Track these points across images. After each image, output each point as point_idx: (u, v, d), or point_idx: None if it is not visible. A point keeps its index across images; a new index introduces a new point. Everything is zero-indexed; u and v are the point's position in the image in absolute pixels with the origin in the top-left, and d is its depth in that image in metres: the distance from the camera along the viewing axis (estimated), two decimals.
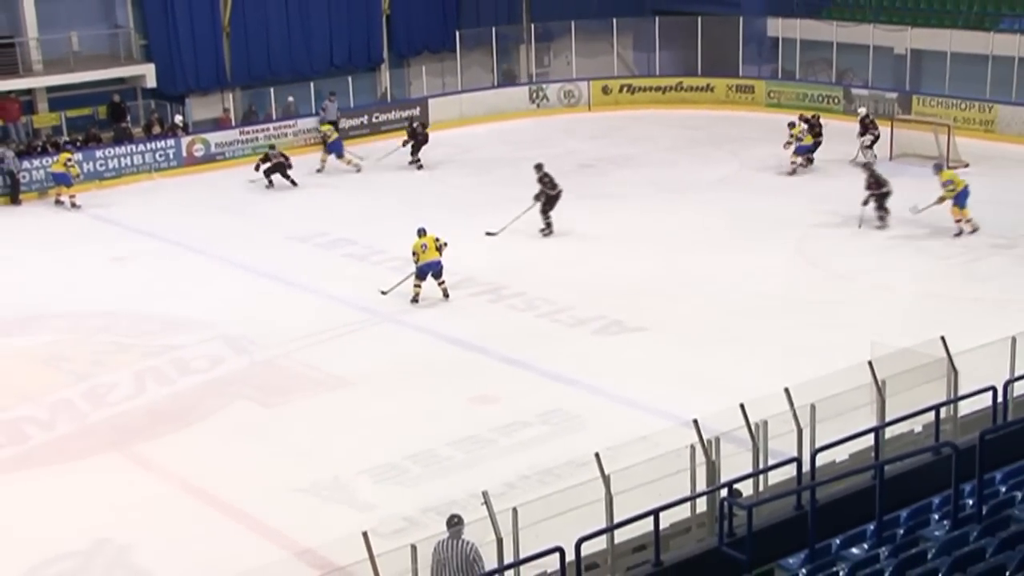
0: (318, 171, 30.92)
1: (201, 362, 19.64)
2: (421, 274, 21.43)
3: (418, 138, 31.74)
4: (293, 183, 29.74)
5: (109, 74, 32.33)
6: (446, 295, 21.63)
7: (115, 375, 19.26)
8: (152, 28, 33.45)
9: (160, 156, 31.62)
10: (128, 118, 32.54)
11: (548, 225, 25.23)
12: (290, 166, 29.94)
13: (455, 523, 11.71)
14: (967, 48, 33.35)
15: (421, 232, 21.52)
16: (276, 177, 29.81)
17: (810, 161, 29.89)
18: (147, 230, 26.97)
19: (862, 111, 30.89)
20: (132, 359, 19.81)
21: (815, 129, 30.15)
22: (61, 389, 18.87)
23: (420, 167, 31.43)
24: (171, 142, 31.88)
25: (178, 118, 32.51)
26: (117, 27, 33.40)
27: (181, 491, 15.73)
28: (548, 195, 25.09)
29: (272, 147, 30.78)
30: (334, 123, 32.86)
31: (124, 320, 21.61)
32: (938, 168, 25.47)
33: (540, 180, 25.16)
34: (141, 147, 31.45)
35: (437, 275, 21.54)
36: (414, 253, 21.40)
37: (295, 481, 15.60)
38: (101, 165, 30.82)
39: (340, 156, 31.16)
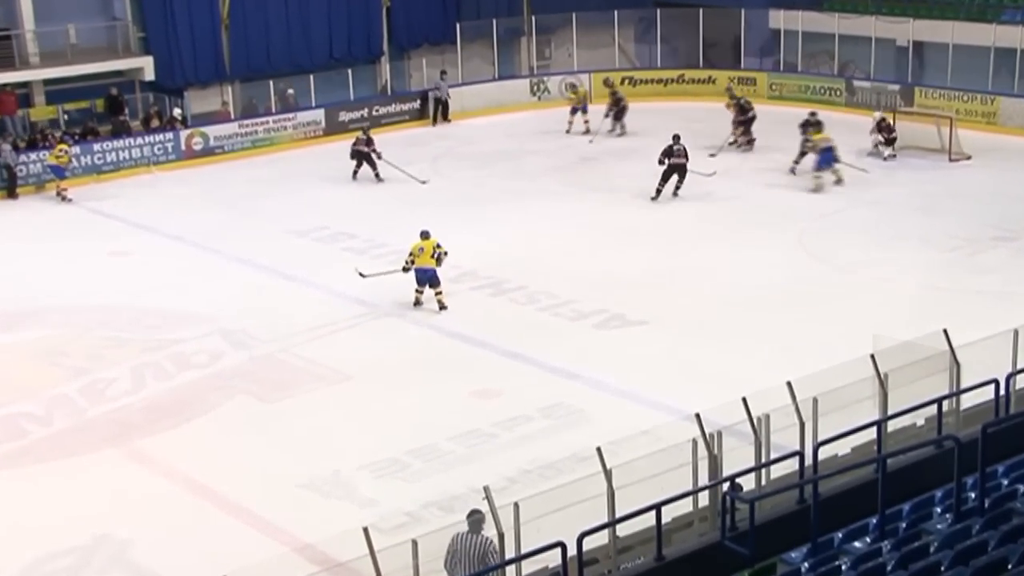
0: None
1: (200, 357, 19.60)
2: (418, 280, 20.89)
3: (620, 105, 33.11)
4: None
5: (107, 67, 32.25)
6: (441, 307, 20.89)
7: (113, 370, 19.20)
8: (150, 20, 33.40)
9: (158, 150, 31.56)
10: (126, 111, 32.44)
11: (673, 190, 27.06)
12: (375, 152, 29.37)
13: (475, 517, 11.66)
14: (969, 40, 33.27)
15: (424, 235, 20.92)
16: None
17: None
18: (145, 224, 26.92)
19: (877, 115, 30.65)
20: (130, 354, 19.77)
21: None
22: (59, 384, 18.82)
23: (623, 133, 33.13)
24: (169, 135, 31.81)
25: (176, 111, 32.41)
26: (115, 19, 33.32)
27: (180, 486, 15.72)
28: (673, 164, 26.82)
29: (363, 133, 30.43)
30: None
31: (122, 315, 21.57)
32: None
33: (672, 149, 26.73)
34: (139, 140, 31.39)
35: (433, 284, 20.86)
36: (411, 254, 20.89)
37: (295, 476, 15.59)
38: (99, 159, 30.74)
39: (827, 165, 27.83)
